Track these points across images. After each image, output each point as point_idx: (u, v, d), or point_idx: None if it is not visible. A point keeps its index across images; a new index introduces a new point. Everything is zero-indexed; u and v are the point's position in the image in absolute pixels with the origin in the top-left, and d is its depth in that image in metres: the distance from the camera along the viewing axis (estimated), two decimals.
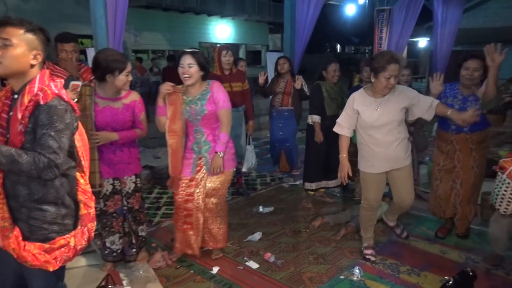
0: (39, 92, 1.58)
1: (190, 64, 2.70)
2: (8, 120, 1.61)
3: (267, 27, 21.82)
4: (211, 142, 2.87)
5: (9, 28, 1.56)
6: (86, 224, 1.75)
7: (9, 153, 1.46)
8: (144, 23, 14.85)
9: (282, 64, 4.79)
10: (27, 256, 1.57)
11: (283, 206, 4.22)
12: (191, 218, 2.96)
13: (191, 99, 2.80)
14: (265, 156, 6.26)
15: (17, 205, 1.60)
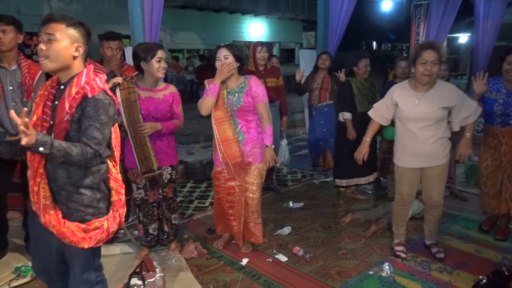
0: (86, 85, 1.70)
1: (226, 55, 2.81)
2: (53, 108, 1.75)
3: (301, 25, 21.70)
4: (244, 133, 2.94)
5: (53, 24, 1.69)
6: (118, 210, 1.87)
7: (62, 147, 1.57)
8: (179, 23, 15.17)
9: (324, 60, 4.77)
10: (66, 232, 1.70)
11: (313, 202, 4.23)
12: (233, 209, 3.07)
13: (229, 91, 2.91)
14: (296, 153, 6.27)
15: (57, 188, 1.73)
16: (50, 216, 1.69)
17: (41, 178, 1.71)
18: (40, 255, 1.92)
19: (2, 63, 2.74)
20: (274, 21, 19.95)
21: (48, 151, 1.53)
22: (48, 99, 1.77)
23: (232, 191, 3.04)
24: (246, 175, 2.99)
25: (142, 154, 2.75)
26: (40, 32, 1.73)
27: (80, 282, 1.87)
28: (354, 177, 4.22)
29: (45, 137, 1.54)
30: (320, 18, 6.54)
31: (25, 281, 2.72)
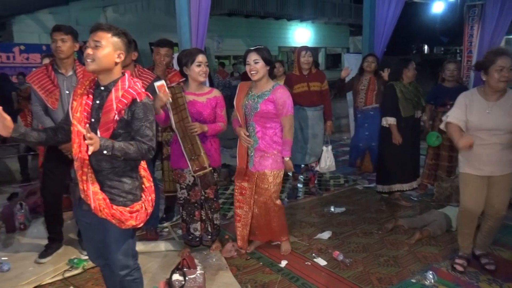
0: (130, 90, 1.89)
1: (255, 60, 2.85)
2: (93, 107, 1.93)
3: (347, 30, 21.43)
4: (259, 139, 2.98)
5: (100, 32, 1.88)
6: (150, 194, 2.07)
7: (121, 147, 1.78)
8: (226, 30, 15.52)
9: (370, 63, 4.72)
10: (115, 213, 1.89)
11: (356, 207, 4.16)
12: (241, 210, 3.14)
13: (252, 95, 2.96)
14: (340, 158, 6.19)
15: (102, 177, 1.92)
16: (99, 201, 1.87)
17: (88, 168, 1.89)
18: (91, 242, 2.10)
19: (60, 69, 2.98)
20: (320, 26, 19.86)
21: (111, 153, 1.74)
22: (88, 98, 1.95)
23: (244, 192, 3.12)
24: (257, 180, 3.03)
25: (193, 153, 2.87)
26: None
27: (120, 268, 2.02)
28: (397, 183, 4.10)
29: (107, 142, 1.74)
30: (366, 22, 6.45)
31: (77, 272, 2.91)
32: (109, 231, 1.95)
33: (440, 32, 24.51)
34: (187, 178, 3.04)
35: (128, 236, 2.02)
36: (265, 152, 2.96)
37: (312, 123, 4.30)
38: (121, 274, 2.03)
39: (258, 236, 3.21)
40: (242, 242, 3.19)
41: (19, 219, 3.71)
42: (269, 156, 2.97)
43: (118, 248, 2.00)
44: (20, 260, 3.12)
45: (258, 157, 2.98)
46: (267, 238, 3.21)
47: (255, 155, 2.99)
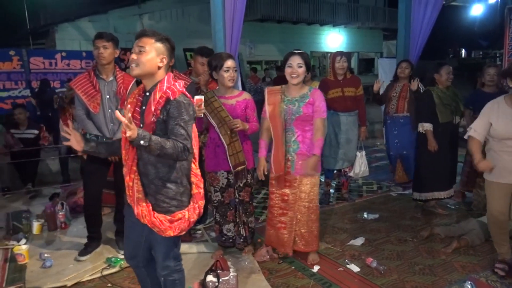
0: (167, 90, 1.93)
1: (299, 64, 2.85)
2: (141, 112, 1.99)
3: (381, 34, 21.07)
4: (300, 143, 2.96)
5: (144, 38, 1.95)
6: (197, 201, 2.06)
7: (158, 141, 1.80)
8: (258, 36, 15.62)
9: (403, 68, 4.64)
10: (155, 221, 1.92)
11: (389, 214, 4.08)
12: (285, 217, 3.08)
13: (290, 99, 2.95)
14: (373, 164, 6.10)
15: (147, 181, 1.97)
16: (142, 208, 1.93)
17: (135, 175, 1.94)
18: (131, 242, 2.16)
19: (101, 74, 3.11)
20: (353, 30, 19.64)
21: (147, 144, 1.76)
22: (136, 105, 2.02)
23: (286, 198, 3.06)
24: (300, 184, 3.00)
25: (234, 149, 2.96)
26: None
27: (161, 268, 2.09)
28: (434, 190, 4.00)
29: (144, 132, 1.77)
30: (401, 26, 6.33)
31: (114, 271, 3.01)
32: (153, 233, 2.00)
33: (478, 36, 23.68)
34: (221, 180, 3.09)
35: (170, 241, 2.04)
36: (307, 156, 2.94)
37: (346, 128, 4.27)
38: (162, 274, 2.10)
39: (298, 243, 3.12)
40: (289, 249, 3.12)
41: (60, 218, 3.88)
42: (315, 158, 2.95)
43: (159, 250, 2.07)
44: (61, 257, 3.26)
45: (300, 161, 2.96)
46: (305, 245, 3.11)
47: (296, 159, 2.96)
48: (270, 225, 3.18)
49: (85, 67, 10.37)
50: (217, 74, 2.97)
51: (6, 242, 3.55)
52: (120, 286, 2.82)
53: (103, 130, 3.08)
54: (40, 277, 2.96)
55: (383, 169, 5.74)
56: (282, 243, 3.12)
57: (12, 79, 9.51)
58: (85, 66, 10.38)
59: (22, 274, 3.00)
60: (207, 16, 15.39)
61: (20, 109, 5.36)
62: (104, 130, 3.08)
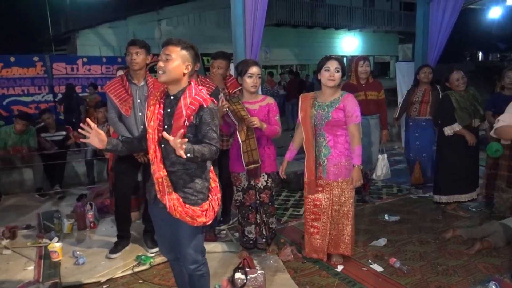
0: (197, 97, 2.06)
1: (337, 68, 2.91)
2: (164, 114, 2.12)
3: (397, 37, 21.03)
4: (331, 148, 2.99)
5: (170, 46, 2.08)
6: (216, 194, 2.23)
7: (198, 150, 1.96)
8: (274, 40, 15.75)
9: (427, 73, 4.68)
10: (188, 211, 2.06)
11: (410, 216, 4.12)
12: (318, 222, 3.11)
13: (320, 104, 3.00)
14: (392, 167, 6.08)
15: (175, 178, 2.10)
16: (174, 201, 2.05)
17: (163, 171, 2.07)
18: (164, 237, 2.28)
19: (133, 79, 3.25)
20: (368, 34, 19.64)
21: (193, 155, 1.92)
22: (159, 107, 2.14)
23: (318, 203, 3.09)
24: (333, 189, 3.04)
25: (249, 146, 3.03)
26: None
27: (191, 262, 2.19)
28: (455, 193, 4.02)
29: (189, 146, 1.92)
30: (419, 30, 6.36)
31: (145, 268, 3.13)
32: (182, 228, 2.12)
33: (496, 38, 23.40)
34: (243, 181, 3.19)
35: (198, 233, 2.19)
36: (339, 161, 2.97)
37: (369, 132, 4.33)
38: (191, 268, 2.19)
39: (330, 248, 3.15)
40: (322, 254, 3.13)
41: (89, 217, 4.03)
42: (343, 164, 2.98)
43: (189, 244, 2.16)
44: (93, 255, 3.39)
45: (332, 166, 2.98)
46: (335, 247, 3.14)
47: (328, 164, 3.00)
48: (305, 231, 3.21)
49: (105, 72, 10.63)
50: (241, 79, 3.08)
51: (40, 240, 3.70)
52: (151, 282, 2.93)
53: (133, 133, 3.20)
54: (74, 273, 3.09)
55: (403, 172, 5.77)
56: (315, 249, 3.15)
57: (35, 85, 9.79)
58: (105, 71, 10.64)
59: (57, 270, 3.13)
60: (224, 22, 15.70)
61: (48, 114, 5.57)
62: (135, 133, 3.20)
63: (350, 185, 3.02)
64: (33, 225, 4.14)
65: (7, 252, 3.50)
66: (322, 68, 2.94)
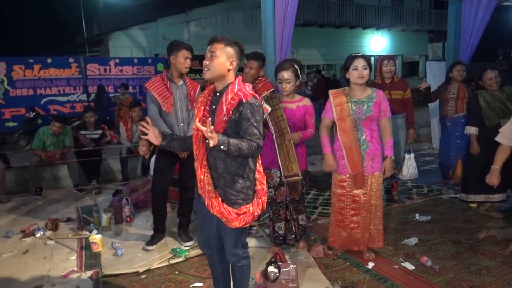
0: (239, 92, 2.07)
1: (364, 66, 2.97)
2: (211, 111, 2.17)
3: (426, 36, 20.60)
4: (369, 142, 3.05)
5: (215, 44, 2.13)
6: (261, 197, 2.21)
7: (235, 143, 1.98)
8: (301, 40, 15.75)
9: (460, 71, 4.63)
10: (224, 212, 2.09)
11: (442, 216, 4.09)
12: (357, 217, 3.16)
13: (357, 100, 3.04)
14: (422, 167, 6.05)
15: (217, 176, 2.13)
16: (213, 199, 2.10)
17: (205, 169, 2.12)
18: (204, 232, 2.35)
19: (174, 79, 3.38)
20: (397, 33, 19.34)
21: (227, 148, 1.95)
22: (206, 104, 2.20)
23: (357, 199, 3.14)
24: (370, 183, 3.08)
25: (287, 159, 3.10)
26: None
27: (231, 255, 2.27)
28: (483, 193, 3.97)
29: (223, 138, 1.95)
30: (451, 28, 6.27)
31: (180, 260, 3.25)
32: (223, 224, 2.16)
33: None
34: (274, 178, 3.26)
35: (238, 230, 2.20)
36: (375, 155, 3.05)
37: (393, 131, 4.31)
38: (231, 260, 2.28)
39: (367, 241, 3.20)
40: (363, 247, 3.19)
41: (126, 212, 4.20)
42: (377, 157, 3.06)
43: (229, 239, 2.23)
44: (130, 247, 3.54)
45: (370, 160, 3.05)
46: (372, 241, 3.19)
47: (366, 159, 3.05)
48: (341, 227, 3.21)
49: (136, 73, 10.94)
50: (276, 81, 3.21)
51: (80, 232, 3.89)
52: (186, 273, 3.04)
53: (174, 129, 3.33)
54: (113, 263, 3.24)
55: (433, 173, 5.70)
56: (356, 242, 3.20)
57: (70, 85, 10.18)
58: (136, 72, 10.95)
59: (98, 260, 3.30)
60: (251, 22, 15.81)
61: (91, 112, 5.82)
62: (175, 129, 3.34)
63: (380, 178, 3.09)
64: (73, 218, 4.35)
65: (50, 242, 3.71)
66: (350, 67, 3.00)
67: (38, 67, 9.66)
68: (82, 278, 3.03)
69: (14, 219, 4.43)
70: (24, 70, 9.51)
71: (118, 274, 3.07)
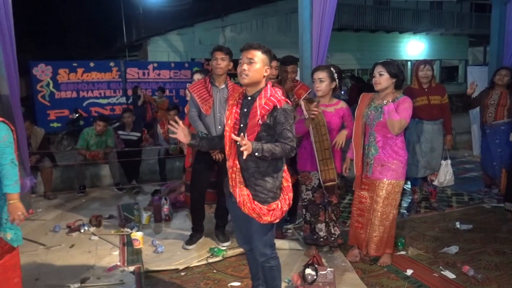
0: (272, 97, 2.17)
1: (380, 72, 2.99)
2: (241, 114, 2.26)
3: (466, 40, 19.91)
4: (379, 148, 3.05)
5: (252, 50, 2.21)
6: (287, 194, 2.30)
7: (268, 149, 2.08)
8: (335, 45, 15.57)
9: (503, 76, 4.51)
10: (255, 208, 2.17)
11: (484, 226, 3.96)
12: (362, 218, 3.21)
13: (376, 106, 3.06)
14: (461, 175, 5.89)
15: (248, 175, 2.22)
16: (244, 197, 2.18)
17: (236, 168, 2.21)
18: (240, 231, 2.44)
19: (215, 82, 3.48)
20: (435, 37, 18.83)
21: (261, 154, 2.05)
22: (237, 107, 2.29)
23: (363, 200, 3.20)
24: (376, 188, 3.09)
25: (326, 165, 3.16)
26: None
27: (259, 255, 2.32)
28: None
29: (258, 145, 2.05)
30: (494, 32, 6.06)
31: (218, 260, 3.32)
32: (251, 222, 2.24)
33: None
34: (313, 180, 3.29)
35: (267, 229, 2.28)
36: (386, 162, 3.03)
37: (431, 137, 4.23)
38: (260, 260, 2.33)
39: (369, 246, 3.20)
40: (363, 247, 3.24)
41: (165, 211, 4.33)
42: (390, 165, 3.03)
43: (258, 238, 2.29)
44: (169, 245, 3.65)
45: (378, 166, 3.06)
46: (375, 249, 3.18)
47: (374, 164, 3.07)
48: (350, 224, 3.38)
49: (173, 77, 11.24)
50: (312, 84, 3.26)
51: (122, 229, 4.05)
52: (224, 273, 3.11)
53: (211, 131, 3.42)
54: (154, 260, 3.36)
55: (474, 181, 5.54)
56: (360, 242, 3.27)
57: (111, 88, 10.58)
58: (173, 76, 11.24)
59: (139, 257, 3.42)
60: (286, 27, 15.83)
61: (129, 113, 6.04)
62: (212, 131, 3.42)
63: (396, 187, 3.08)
64: (115, 215, 4.53)
65: (94, 237, 3.88)
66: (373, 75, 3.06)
67: (81, 70, 10.11)
68: (125, 272, 3.16)
69: (60, 214, 4.66)
70: (68, 73, 9.98)
71: (158, 270, 3.17)
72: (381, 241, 3.15)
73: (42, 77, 9.72)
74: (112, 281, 3.03)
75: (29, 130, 5.15)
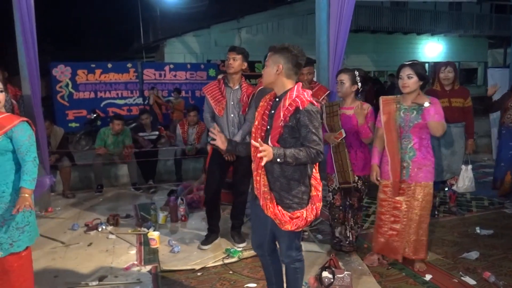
0: (296, 98, 2.11)
1: (409, 74, 2.91)
2: (270, 116, 2.23)
3: (486, 42, 19.55)
4: (416, 150, 2.98)
5: (269, 53, 2.20)
6: (315, 203, 2.22)
7: (292, 154, 2.04)
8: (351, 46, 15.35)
9: None
10: (278, 213, 2.12)
11: (505, 231, 3.87)
12: (397, 224, 3.10)
13: (407, 108, 2.99)
14: (481, 179, 5.78)
15: (273, 179, 2.18)
16: (267, 200, 2.15)
17: (261, 171, 2.17)
18: (258, 232, 2.42)
19: (229, 83, 3.48)
20: (453, 39, 18.54)
21: (283, 160, 2.02)
22: (266, 109, 2.26)
23: (398, 206, 3.07)
24: (414, 192, 3.01)
25: (341, 167, 3.15)
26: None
27: (285, 257, 2.31)
28: None
29: (279, 151, 2.02)
30: None
31: (234, 260, 3.32)
32: (277, 226, 2.20)
33: None
34: (335, 182, 3.29)
35: (292, 233, 2.23)
36: (422, 164, 2.98)
37: (452, 140, 4.15)
38: (285, 262, 2.32)
39: (407, 250, 3.12)
40: (399, 256, 3.12)
41: (181, 211, 4.35)
42: (426, 167, 2.98)
43: (283, 241, 2.28)
44: (185, 245, 3.67)
45: (416, 169, 2.99)
46: (414, 252, 3.11)
47: (411, 167, 3.00)
48: (380, 233, 3.19)
49: (189, 78, 11.32)
50: None
51: (138, 228, 4.09)
52: (240, 274, 3.11)
53: (224, 132, 3.41)
54: (170, 260, 3.38)
55: None
56: (393, 250, 3.15)
57: (128, 89, 10.73)
58: (189, 77, 11.33)
59: (156, 256, 3.45)
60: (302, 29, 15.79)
61: (147, 114, 6.11)
62: (225, 132, 3.42)
63: (431, 189, 3.02)
64: (131, 215, 4.58)
65: (112, 236, 3.92)
66: (399, 77, 2.99)
67: (99, 71, 10.28)
68: (142, 271, 3.19)
69: (78, 213, 4.73)
70: (87, 74, 10.16)
71: (175, 270, 3.19)
72: (420, 244, 3.08)
73: (62, 78, 9.91)
74: (129, 279, 3.06)
75: (49, 130, 5.25)
